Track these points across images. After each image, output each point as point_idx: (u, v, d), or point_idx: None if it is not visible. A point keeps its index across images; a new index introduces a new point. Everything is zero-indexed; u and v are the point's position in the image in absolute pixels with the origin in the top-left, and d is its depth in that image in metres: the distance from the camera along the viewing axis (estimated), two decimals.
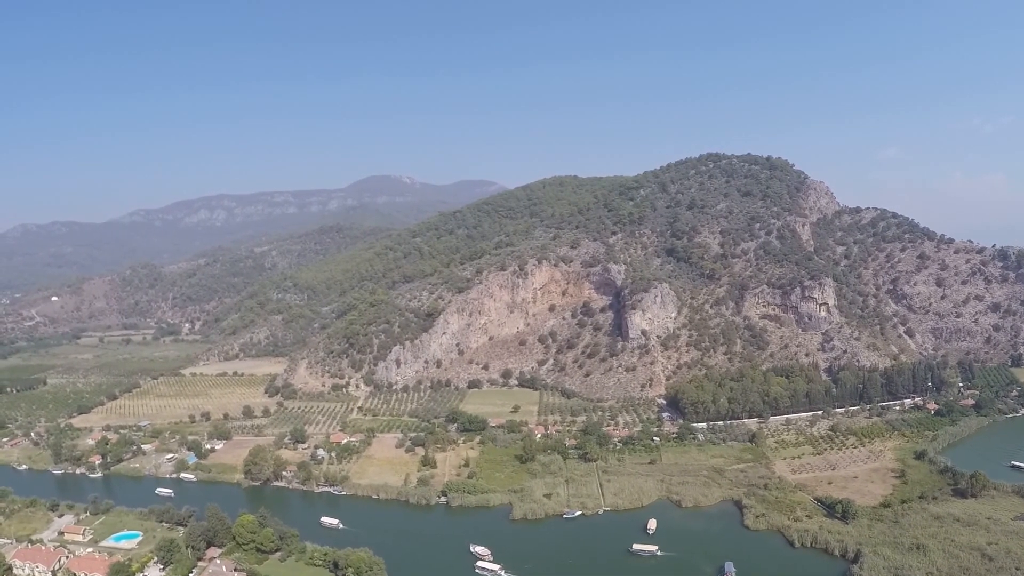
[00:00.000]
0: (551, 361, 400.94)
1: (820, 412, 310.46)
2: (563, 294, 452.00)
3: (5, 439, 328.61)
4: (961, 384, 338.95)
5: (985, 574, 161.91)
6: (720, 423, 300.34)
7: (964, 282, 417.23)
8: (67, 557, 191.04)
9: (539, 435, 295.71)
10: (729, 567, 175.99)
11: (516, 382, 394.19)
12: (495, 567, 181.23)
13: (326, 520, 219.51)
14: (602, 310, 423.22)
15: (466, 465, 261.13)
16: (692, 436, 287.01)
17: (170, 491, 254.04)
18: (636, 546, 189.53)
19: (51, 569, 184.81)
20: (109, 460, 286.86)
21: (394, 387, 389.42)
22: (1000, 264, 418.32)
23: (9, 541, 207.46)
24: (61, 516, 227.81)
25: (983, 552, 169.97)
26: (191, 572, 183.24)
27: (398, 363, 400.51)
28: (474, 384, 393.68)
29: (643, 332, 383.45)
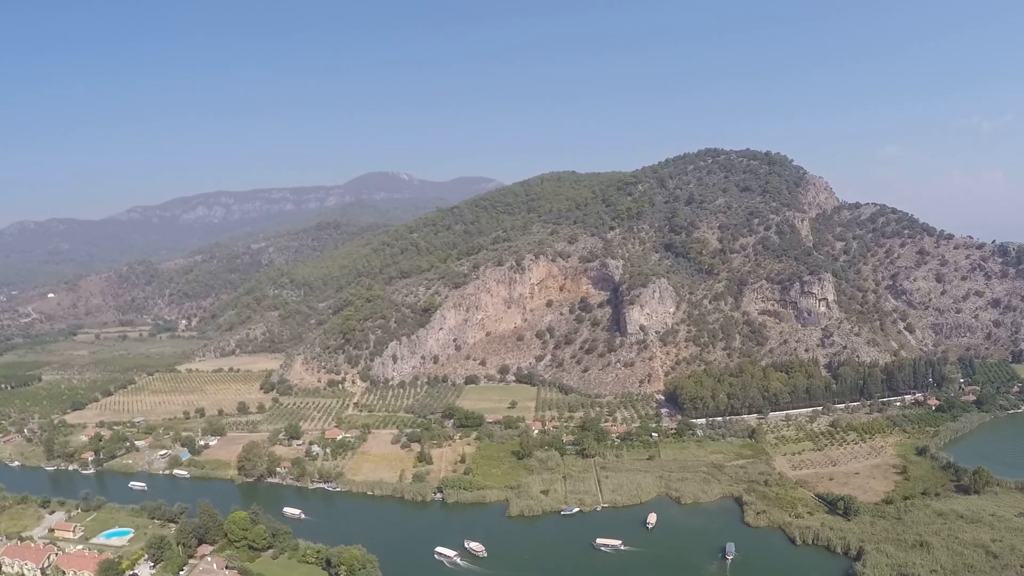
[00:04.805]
0: (548, 357, 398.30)
1: (820, 408, 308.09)
2: (560, 289, 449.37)
3: None
4: (962, 380, 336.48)
5: (990, 571, 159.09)
6: (719, 419, 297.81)
7: (964, 278, 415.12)
8: (56, 554, 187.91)
9: (536, 431, 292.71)
10: (730, 548, 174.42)
11: (513, 378, 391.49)
12: (451, 553, 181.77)
13: (288, 510, 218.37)
14: (600, 305, 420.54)
15: (462, 461, 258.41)
16: (691, 432, 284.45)
17: (143, 485, 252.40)
18: (599, 540, 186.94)
19: (40, 566, 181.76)
20: (102, 456, 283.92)
21: (390, 383, 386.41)
22: (1000, 260, 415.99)
23: None
24: (52, 513, 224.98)
25: (987, 549, 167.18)
26: (182, 569, 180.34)
27: (394, 359, 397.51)
28: (471, 380, 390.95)
29: (641, 327, 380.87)
